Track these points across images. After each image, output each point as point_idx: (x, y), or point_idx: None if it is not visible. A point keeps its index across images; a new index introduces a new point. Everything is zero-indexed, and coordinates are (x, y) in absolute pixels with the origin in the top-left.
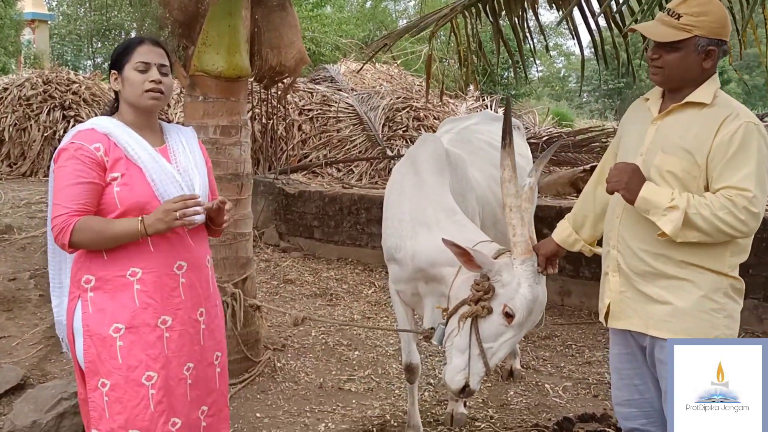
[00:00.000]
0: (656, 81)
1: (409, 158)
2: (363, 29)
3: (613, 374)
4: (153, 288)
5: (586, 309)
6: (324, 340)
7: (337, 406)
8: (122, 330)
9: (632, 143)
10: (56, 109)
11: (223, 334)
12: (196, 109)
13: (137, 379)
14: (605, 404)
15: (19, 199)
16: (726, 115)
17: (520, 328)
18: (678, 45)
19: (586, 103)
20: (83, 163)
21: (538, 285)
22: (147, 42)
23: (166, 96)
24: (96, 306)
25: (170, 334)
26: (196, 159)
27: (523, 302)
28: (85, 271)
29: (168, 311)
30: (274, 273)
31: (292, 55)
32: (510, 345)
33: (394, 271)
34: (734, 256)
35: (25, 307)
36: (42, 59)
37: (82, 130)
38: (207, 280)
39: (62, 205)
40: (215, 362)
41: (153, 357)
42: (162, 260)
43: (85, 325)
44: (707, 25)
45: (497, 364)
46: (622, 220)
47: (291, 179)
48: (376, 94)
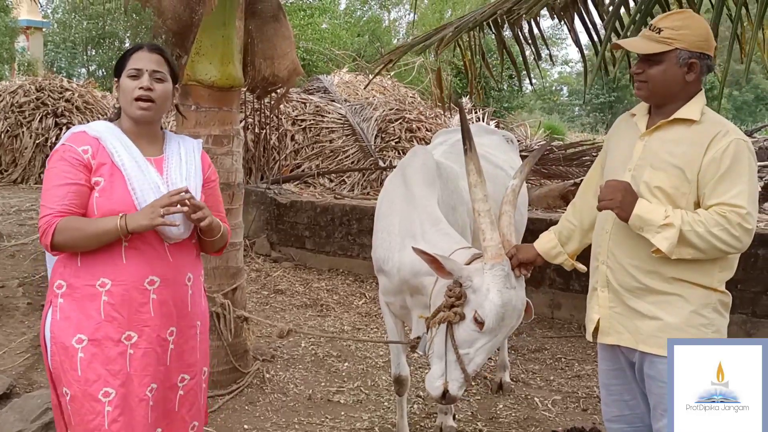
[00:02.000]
0: (641, 96)
1: (400, 170)
2: (357, 42)
3: (602, 390)
4: (120, 301)
5: (576, 322)
6: (313, 351)
7: (326, 418)
8: (84, 341)
9: (620, 158)
10: (49, 117)
11: (196, 358)
12: (188, 118)
13: (94, 394)
14: (594, 418)
15: (9, 206)
16: (716, 132)
17: (493, 333)
18: (660, 58)
19: (578, 117)
20: (71, 164)
21: (509, 290)
22: (144, 48)
23: (159, 105)
24: (63, 313)
25: (134, 351)
26: (191, 172)
27: (492, 308)
28: (58, 277)
29: (134, 327)
30: (265, 283)
31: (286, 66)
32: (487, 351)
33: (383, 283)
34: (723, 272)
35: (12, 315)
36: (36, 66)
37: (75, 132)
38: (184, 299)
39: (47, 206)
40: (179, 384)
41: (113, 373)
42: (133, 273)
43: (51, 331)
44: (688, 38)
45: (476, 370)
46: (612, 236)
47: (283, 189)
48: (369, 106)
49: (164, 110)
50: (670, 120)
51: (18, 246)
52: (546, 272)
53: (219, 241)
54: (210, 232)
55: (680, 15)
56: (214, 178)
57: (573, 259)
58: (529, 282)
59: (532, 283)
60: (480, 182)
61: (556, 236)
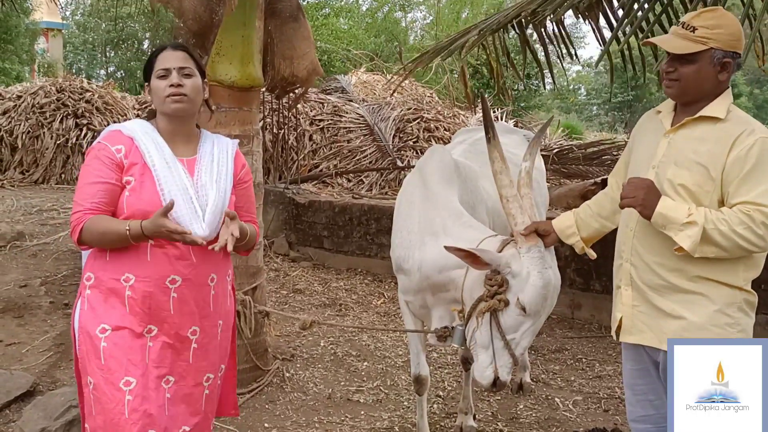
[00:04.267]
0: (671, 94)
1: (418, 170)
2: (374, 42)
3: (627, 390)
4: (141, 297)
5: (597, 322)
6: (333, 350)
7: (346, 417)
8: (108, 331)
9: (644, 155)
10: (69, 117)
11: (221, 357)
12: (208, 118)
13: (115, 382)
14: (616, 419)
15: (30, 206)
16: (741, 130)
17: (537, 315)
18: (694, 57)
19: (596, 116)
20: (104, 163)
21: (548, 270)
22: (168, 48)
23: (191, 98)
24: (90, 304)
25: (153, 344)
26: (221, 174)
27: (534, 290)
28: (89, 269)
29: (154, 321)
30: (284, 282)
31: (305, 66)
32: (532, 333)
33: (402, 282)
34: (748, 271)
35: (35, 314)
36: (56, 68)
37: (111, 131)
38: (206, 299)
39: (79, 202)
40: (204, 383)
41: (134, 363)
42: (156, 271)
43: (80, 321)
44: (723, 38)
45: (522, 354)
46: (636, 234)
47: (301, 189)
48: (387, 105)
49: (197, 104)
50: (695, 117)
51: (40, 245)
52: (566, 272)
53: (248, 243)
54: (239, 240)
55: (713, 13)
56: (248, 179)
57: (588, 246)
58: None
59: None
60: (504, 169)
61: (575, 218)
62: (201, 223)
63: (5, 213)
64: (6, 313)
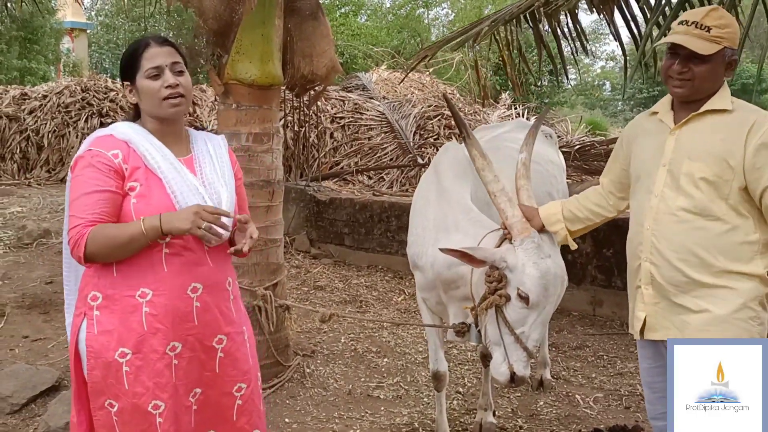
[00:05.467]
0: (680, 94)
1: (433, 167)
2: (396, 38)
3: (645, 389)
4: (163, 312)
5: (618, 319)
6: (353, 346)
7: (366, 413)
8: (129, 355)
9: (649, 156)
10: (94, 116)
11: (249, 365)
12: (229, 116)
13: (143, 406)
14: (637, 416)
15: (57, 204)
16: (753, 119)
17: (541, 306)
18: (709, 57)
19: (621, 112)
20: (100, 171)
21: (544, 259)
22: (152, 43)
23: (188, 98)
24: (101, 327)
25: (179, 361)
26: (224, 170)
27: (532, 281)
28: (92, 288)
29: (178, 337)
30: (305, 279)
31: (324, 63)
32: (541, 324)
33: (418, 279)
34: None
35: (61, 310)
36: (81, 67)
37: (100, 136)
38: (228, 304)
39: (77, 216)
40: (236, 393)
41: (161, 386)
42: (175, 282)
43: (89, 345)
44: (732, 36)
45: (536, 346)
46: (654, 232)
47: (322, 186)
48: (408, 103)
49: (191, 102)
50: (701, 112)
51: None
52: (587, 269)
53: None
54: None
55: (719, 12)
56: (240, 176)
57: (571, 237)
58: (571, 279)
59: (573, 280)
60: (487, 165)
61: (561, 210)
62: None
63: (32, 211)
64: (32, 309)
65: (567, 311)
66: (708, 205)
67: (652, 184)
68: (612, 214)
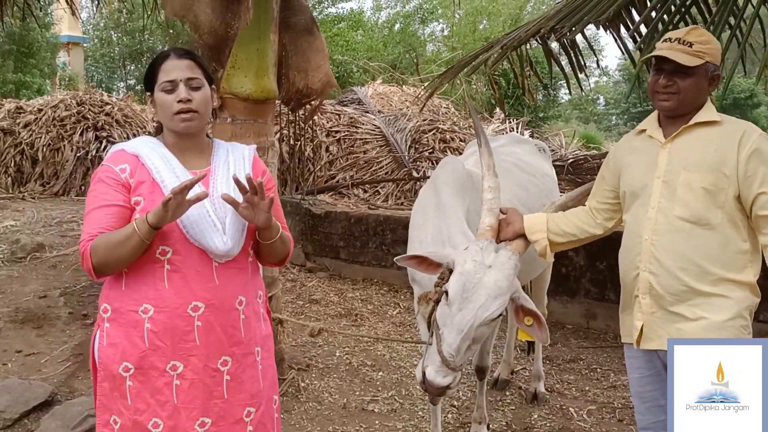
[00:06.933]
0: (667, 107)
1: (432, 181)
2: (392, 52)
3: (635, 400)
4: (162, 329)
5: (612, 332)
6: (348, 360)
7: (361, 426)
8: (132, 370)
9: (641, 171)
10: (89, 130)
11: (259, 387)
12: (224, 130)
13: (144, 423)
14: (631, 429)
15: (51, 218)
16: (742, 130)
17: (456, 305)
18: (692, 71)
19: (615, 126)
20: (108, 185)
21: (475, 263)
22: (172, 55)
23: (201, 113)
24: (110, 339)
25: (181, 382)
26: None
27: (453, 277)
28: (104, 299)
29: (179, 356)
30: (300, 293)
31: (319, 78)
32: (455, 328)
33: (416, 292)
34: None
35: (54, 324)
36: (76, 81)
37: (114, 151)
38: (235, 324)
39: (86, 231)
40: (246, 419)
41: (160, 403)
42: (175, 299)
43: (99, 357)
44: (713, 53)
45: (451, 353)
46: (655, 242)
47: (318, 200)
48: (403, 116)
49: (207, 117)
50: (691, 125)
51: (59, 257)
52: (581, 282)
53: (280, 246)
54: (269, 232)
55: (700, 31)
56: (271, 185)
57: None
58: (565, 292)
59: (567, 293)
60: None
61: (546, 221)
62: (221, 236)
63: (26, 225)
64: (25, 323)
65: (561, 324)
66: (704, 214)
67: (648, 197)
68: (599, 232)
